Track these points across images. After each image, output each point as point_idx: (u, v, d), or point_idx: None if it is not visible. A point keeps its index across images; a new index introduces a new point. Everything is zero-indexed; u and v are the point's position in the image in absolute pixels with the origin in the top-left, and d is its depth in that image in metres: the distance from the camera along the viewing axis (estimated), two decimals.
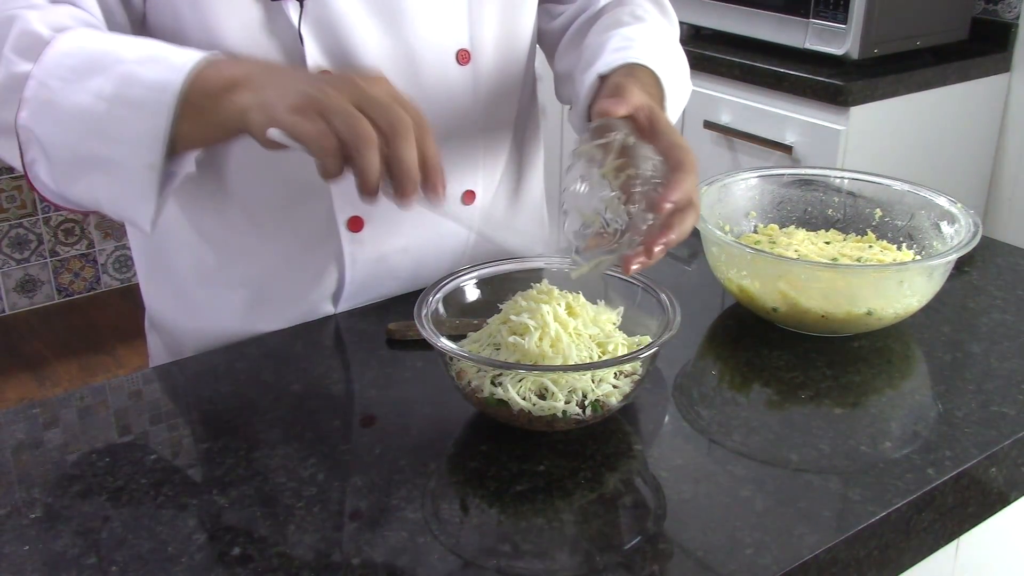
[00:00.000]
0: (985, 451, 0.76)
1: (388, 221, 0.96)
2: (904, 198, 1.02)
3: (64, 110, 0.75)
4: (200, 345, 1.01)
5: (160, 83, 0.73)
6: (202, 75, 0.73)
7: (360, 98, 0.68)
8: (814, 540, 0.66)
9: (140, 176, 0.75)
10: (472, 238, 1.03)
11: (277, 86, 0.70)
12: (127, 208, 0.78)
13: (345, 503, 0.70)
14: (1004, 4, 2.16)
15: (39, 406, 0.83)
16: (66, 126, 0.76)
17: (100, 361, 2.85)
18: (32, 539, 0.66)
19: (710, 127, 2.12)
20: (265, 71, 0.73)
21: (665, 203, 0.73)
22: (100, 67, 0.75)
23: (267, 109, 0.69)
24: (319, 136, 0.67)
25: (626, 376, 0.77)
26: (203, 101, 0.72)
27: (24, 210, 2.99)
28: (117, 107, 0.74)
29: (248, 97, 0.70)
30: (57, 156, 0.77)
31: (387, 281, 1.00)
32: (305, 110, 0.67)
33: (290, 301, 0.98)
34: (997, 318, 0.96)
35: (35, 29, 0.77)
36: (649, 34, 0.95)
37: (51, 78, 0.75)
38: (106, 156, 0.75)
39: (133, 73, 0.74)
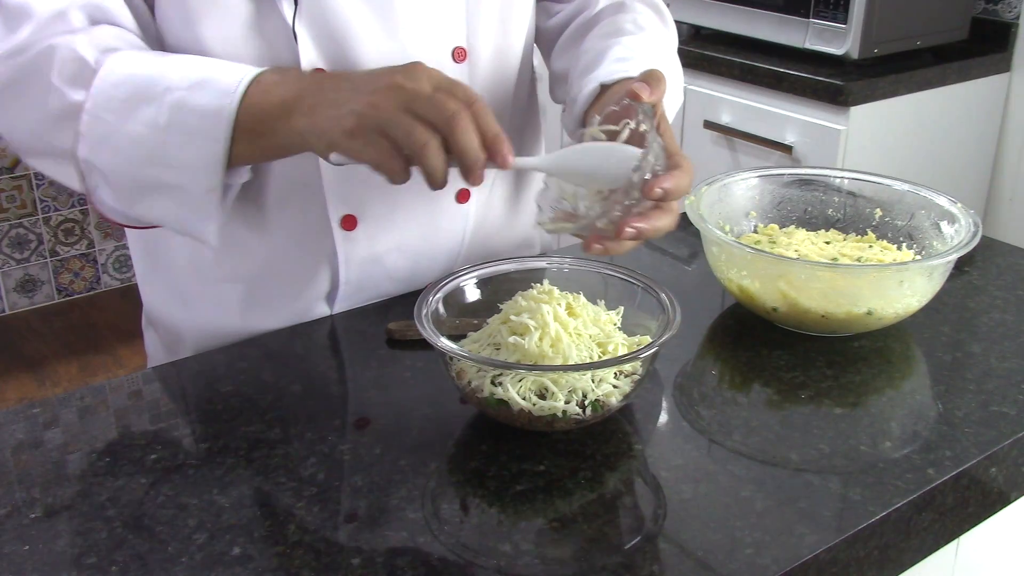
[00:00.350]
0: (985, 451, 0.76)
1: (382, 220, 0.96)
2: (904, 198, 1.02)
3: (121, 142, 0.77)
4: (197, 342, 1.01)
5: (212, 110, 0.75)
6: (252, 100, 0.75)
7: (408, 100, 0.70)
8: (814, 540, 0.66)
9: (202, 198, 0.78)
10: (467, 236, 1.03)
11: (328, 105, 0.72)
12: (192, 226, 0.81)
13: (345, 503, 0.70)
14: (1004, 4, 2.17)
15: (39, 406, 0.83)
16: (125, 156, 0.78)
17: (100, 361, 2.85)
18: (32, 539, 0.66)
19: (710, 127, 2.13)
20: (314, 87, 0.74)
21: (656, 187, 0.73)
22: (150, 96, 0.77)
23: (325, 135, 0.71)
24: (381, 156, 0.70)
25: (626, 376, 0.77)
26: (257, 126, 0.75)
27: (24, 210, 2.99)
28: (173, 135, 0.76)
29: (303, 122, 0.73)
30: (119, 183, 0.79)
31: (382, 281, 1.00)
32: (361, 132, 0.70)
33: (285, 299, 0.98)
34: (997, 318, 0.96)
35: (81, 55, 0.78)
36: (651, 46, 0.95)
37: (104, 112, 0.77)
38: (167, 182, 0.78)
39: (184, 101, 0.76)
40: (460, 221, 1.02)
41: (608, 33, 0.97)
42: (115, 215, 0.83)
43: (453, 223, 1.02)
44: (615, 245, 0.74)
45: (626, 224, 0.73)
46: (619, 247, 0.74)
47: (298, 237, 0.96)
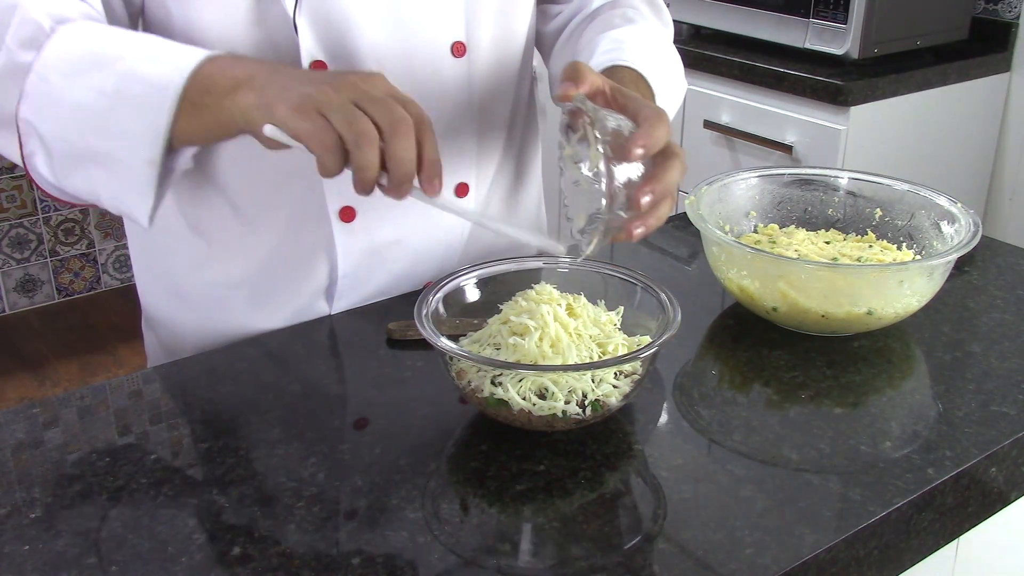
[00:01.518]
0: (985, 451, 0.76)
1: (380, 212, 0.96)
2: (904, 198, 1.02)
3: (64, 105, 0.76)
4: (196, 341, 1.01)
5: (162, 81, 0.73)
6: (203, 74, 0.73)
7: (359, 96, 0.69)
8: (814, 540, 0.66)
9: (139, 172, 0.76)
10: (466, 232, 1.03)
11: (279, 86, 0.71)
12: (125, 202, 0.79)
13: (345, 503, 0.70)
14: (1004, 4, 2.17)
15: (39, 406, 0.83)
16: (66, 121, 0.76)
17: (100, 361, 2.85)
18: (32, 539, 0.66)
19: (710, 127, 2.13)
20: (267, 71, 0.73)
21: (634, 148, 0.71)
22: (101, 63, 0.75)
23: (268, 109, 0.70)
24: (317, 133, 0.68)
25: (626, 376, 0.77)
26: (205, 99, 0.73)
27: (24, 210, 2.99)
28: (118, 103, 0.74)
29: (250, 97, 0.71)
30: (57, 150, 0.77)
31: (381, 275, 1.00)
32: (304, 109, 0.68)
33: (283, 293, 0.98)
34: (997, 318, 0.96)
35: (35, 18, 0.77)
36: (639, 36, 0.95)
37: (52, 72, 0.76)
38: (105, 151, 0.76)
39: (134, 70, 0.74)
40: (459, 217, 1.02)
41: (598, 30, 0.97)
42: (49, 187, 0.81)
43: (453, 219, 1.01)
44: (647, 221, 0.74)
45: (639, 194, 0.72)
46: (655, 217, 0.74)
47: (296, 229, 0.95)
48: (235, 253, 0.97)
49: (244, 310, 0.98)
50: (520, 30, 1.01)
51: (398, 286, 1.01)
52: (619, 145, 0.72)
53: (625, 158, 0.72)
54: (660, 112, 0.74)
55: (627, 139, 0.72)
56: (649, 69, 0.89)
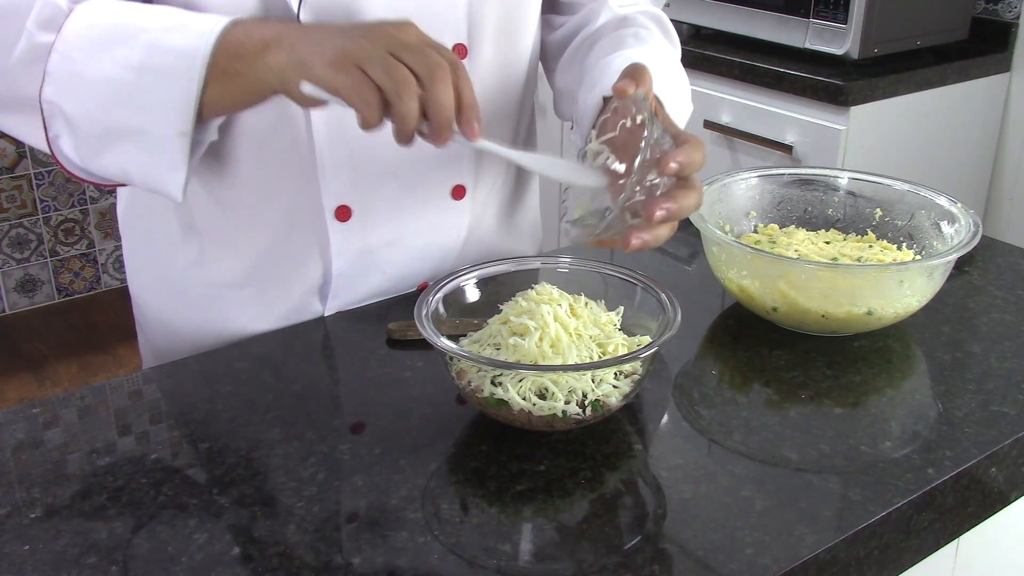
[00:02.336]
0: (985, 451, 0.76)
1: (376, 212, 0.96)
2: (904, 198, 1.02)
3: (90, 81, 0.75)
4: (190, 342, 1.00)
5: (188, 49, 0.73)
6: (230, 39, 0.73)
7: (395, 46, 0.69)
8: (814, 540, 0.66)
9: (170, 144, 0.76)
10: (463, 234, 1.03)
11: (311, 43, 0.70)
12: (157, 178, 0.78)
13: (345, 503, 0.70)
14: (1004, 4, 2.17)
15: (39, 406, 0.83)
16: (93, 97, 0.76)
17: (100, 361, 2.85)
18: (32, 539, 0.66)
19: (710, 127, 2.12)
20: (296, 29, 0.73)
21: (671, 162, 0.72)
22: (124, 36, 0.75)
23: (303, 66, 0.70)
24: (357, 86, 0.68)
25: (626, 376, 0.77)
26: (234, 64, 0.73)
27: (24, 210, 2.99)
28: (145, 76, 0.74)
29: (282, 56, 0.71)
30: (84, 129, 0.77)
31: (376, 276, 1.00)
32: (341, 63, 0.68)
33: (277, 292, 0.98)
34: (997, 318, 0.96)
35: (55, 2, 0.77)
36: (653, 59, 0.95)
37: (75, 50, 0.75)
38: (135, 125, 0.76)
39: (159, 41, 0.74)
40: (455, 218, 1.02)
41: (610, 48, 0.97)
42: (76, 169, 0.81)
43: (448, 220, 1.01)
44: (651, 234, 0.74)
45: (655, 207, 0.72)
46: (655, 234, 0.74)
47: (290, 227, 0.95)
48: (229, 251, 0.97)
49: (237, 309, 0.98)
50: (524, 36, 1.01)
51: (393, 288, 1.01)
52: (657, 155, 0.73)
53: (659, 168, 0.73)
54: (700, 141, 0.76)
55: (666, 152, 0.74)
56: (663, 94, 0.90)
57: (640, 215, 0.74)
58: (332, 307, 0.99)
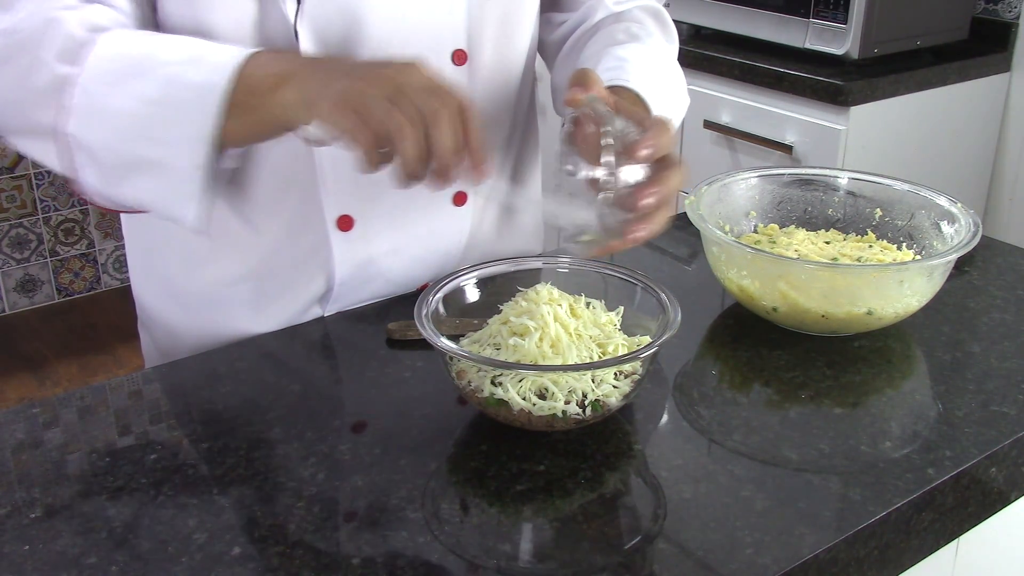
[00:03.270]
0: (985, 451, 0.76)
1: (378, 221, 0.96)
2: (904, 198, 1.02)
3: (110, 115, 0.77)
4: (192, 343, 1.01)
5: (206, 85, 0.74)
6: (246, 73, 0.74)
7: (396, 90, 0.69)
8: (814, 540, 0.66)
9: (188, 177, 0.77)
10: (464, 240, 1.03)
11: (318, 83, 0.72)
12: (175, 208, 0.80)
13: (345, 503, 0.70)
14: (1004, 4, 2.17)
15: (39, 406, 0.83)
16: (113, 131, 0.77)
17: (100, 361, 2.85)
18: (32, 539, 0.66)
19: (710, 127, 2.12)
20: (308, 66, 0.75)
21: (641, 149, 0.72)
22: (143, 71, 0.76)
23: (310, 107, 0.71)
24: (356, 129, 0.69)
25: (626, 376, 0.77)
26: (249, 99, 0.74)
27: (24, 210, 2.99)
28: (163, 110, 0.76)
29: (293, 94, 0.72)
30: (106, 161, 0.78)
31: (377, 283, 1.00)
32: (344, 107, 0.69)
33: (279, 299, 0.98)
34: (997, 318, 0.96)
35: (72, 31, 0.78)
36: (642, 55, 0.94)
37: (95, 84, 0.77)
38: (153, 159, 0.77)
39: (177, 76, 0.75)
40: (457, 224, 1.02)
41: (602, 44, 0.97)
42: (99, 197, 0.82)
43: (450, 226, 1.01)
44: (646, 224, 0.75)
45: (641, 196, 0.73)
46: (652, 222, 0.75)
47: (293, 237, 0.95)
48: (232, 257, 0.97)
49: (239, 313, 0.98)
50: (522, 38, 1.01)
51: (395, 292, 1.01)
52: (625, 147, 0.73)
53: (631, 158, 0.73)
54: (665, 120, 0.76)
55: (634, 141, 0.73)
56: (650, 92, 0.89)
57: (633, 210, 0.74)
58: (332, 309, 0.99)
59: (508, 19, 0.98)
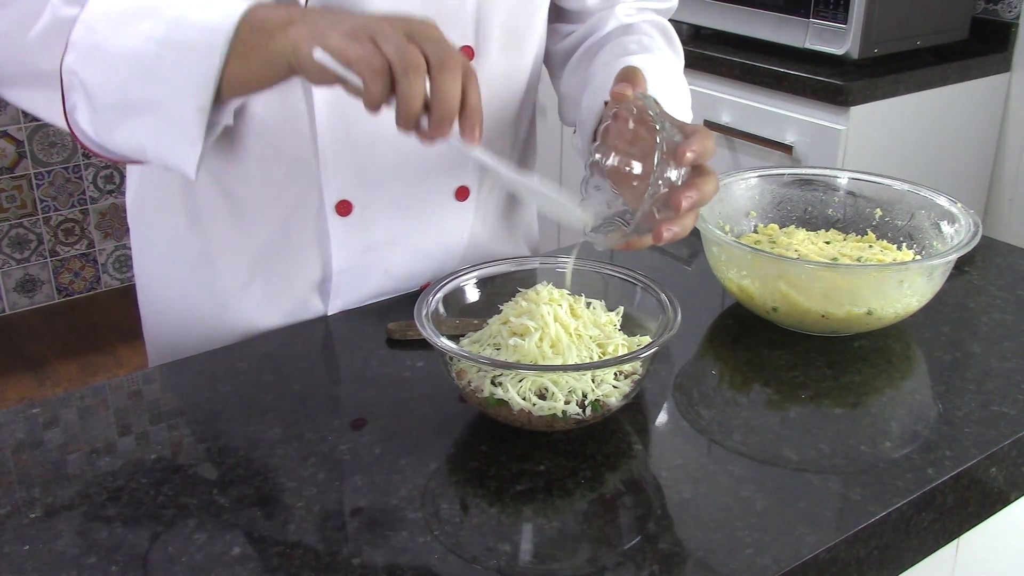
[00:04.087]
0: (985, 451, 0.76)
1: (377, 208, 0.96)
2: (904, 198, 1.02)
3: (113, 53, 0.76)
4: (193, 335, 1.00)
5: (212, 24, 0.74)
6: (254, 14, 0.74)
7: (412, 31, 0.69)
8: (814, 540, 0.66)
9: (189, 119, 0.76)
10: (466, 235, 1.03)
11: (331, 19, 0.71)
12: (173, 152, 0.79)
13: (345, 503, 0.70)
14: (1004, 4, 2.17)
15: (39, 406, 0.83)
16: (114, 69, 0.76)
17: (100, 361, 2.85)
18: (32, 539, 0.66)
19: (710, 127, 2.12)
20: (319, 10, 0.75)
21: (687, 152, 0.74)
22: (150, 11, 0.76)
23: (319, 36, 0.70)
24: (367, 56, 0.67)
25: (626, 376, 0.77)
26: (256, 38, 0.73)
27: (24, 210, 2.99)
28: (168, 49, 0.75)
29: (302, 30, 0.71)
30: (102, 101, 0.77)
31: (377, 275, 1.00)
32: (356, 35, 0.68)
33: (279, 287, 0.98)
34: (997, 318, 0.96)
35: None
36: (655, 67, 0.95)
37: (99, 21, 0.76)
38: (154, 99, 0.76)
39: (184, 16, 0.75)
40: (459, 220, 1.02)
41: (615, 55, 0.97)
42: (91, 143, 0.81)
43: (452, 221, 1.01)
44: (679, 224, 0.75)
45: (681, 197, 0.74)
46: (683, 224, 0.76)
47: (292, 220, 0.95)
48: (232, 242, 0.97)
49: (240, 302, 0.98)
50: (529, 41, 1.01)
51: (396, 288, 1.01)
52: (670, 148, 0.74)
53: (676, 160, 0.74)
54: (707, 130, 0.77)
55: (678, 144, 0.75)
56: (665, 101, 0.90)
57: (662, 210, 0.75)
58: (335, 306, 0.99)
59: (516, 20, 0.98)
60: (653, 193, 0.74)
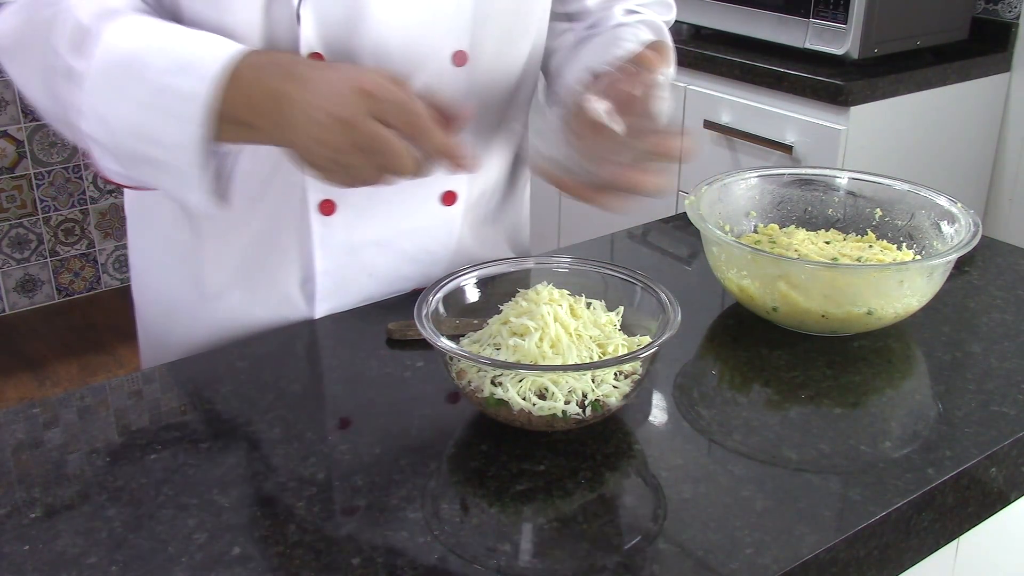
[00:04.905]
0: (985, 451, 0.76)
1: (361, 209, 0.96)
2: (904, 198, 1.02)
3: (114, 119, 0.81)
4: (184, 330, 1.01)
5: (189, 94, 0.78)
6: (227, 92, 0.78)
7: (377, 109, 0.76)
8: (814, 540, 0.66)
9: (187, 173, 0.81)
10: (453, 244, 1.03)
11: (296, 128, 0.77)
12: (181, 197, 0.84)
13: (345, 503, 0.70)
14: (1004, 4, 2.17)
15: (39, 406, 0.83)
16: (117, 133, 0.81)
17: (100, 361, 2.85)
18: (32, 539, 0.66)
19: (710, 127, 2.12)
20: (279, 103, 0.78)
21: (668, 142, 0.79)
22: (136, 73, 0.80)
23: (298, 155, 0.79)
24: (346, 180, 0.79)
25: (626, 376, 0.77)
26: (236, 114, 0.79)
27: (24, 210, 2.99)
28: (155, 116, 0.80)
29: (275, 135, 0.79)
30: (117, 154, 0.83)
31: (361, 277, 0.99)
32: (331, 169, 0.78)
33: (265, 285, 0.98)
34: (997, 318, 0.96)
35: (80, 19, 0.81)
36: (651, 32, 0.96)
37: (99, 87, 0.80)
38: (154, 157, 0.81)
39: (164, 83, 0.79)
40: (445, 225, 1.01)
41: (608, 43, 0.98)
42: (121, 179, 0.87)
43: (438, 226, 1.01)
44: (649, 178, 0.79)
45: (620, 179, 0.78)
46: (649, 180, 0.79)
47: (276, 219, 0.95)
48: (218, 240, 0.97)
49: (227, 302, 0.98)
50: (526, 40, 1.01)
51: (383, 293, 1.01)
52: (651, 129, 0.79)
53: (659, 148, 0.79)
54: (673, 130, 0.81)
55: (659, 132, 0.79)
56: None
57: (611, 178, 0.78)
58: (322, 309, 0.99)
59: (514, 23, 0.98)
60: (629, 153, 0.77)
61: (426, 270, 1.02)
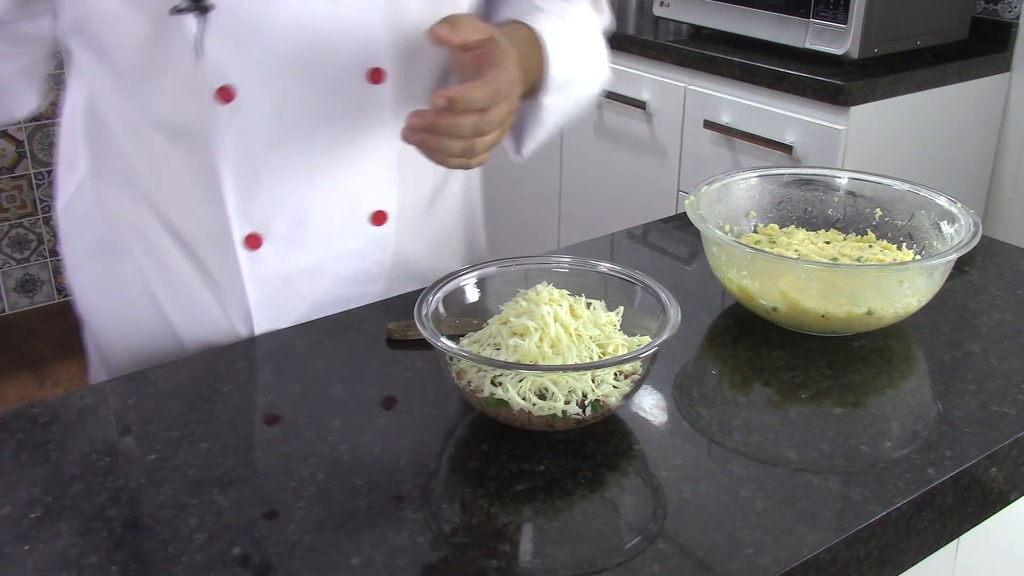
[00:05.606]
0: (985, 451, 0.76)
1: (288, 240, 0.94)
2: (904, 198, 1.02)
3: None
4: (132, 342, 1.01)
5: None
6: None
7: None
8: (814, 540, 0.66)
9: None
10: (388, 261, 1.01)
11: None
12: None
13: (345, 503, 0.70)
14: (1004, 4, 2.16)
15: (39, 406, 0.83)
16: None
17: None
18: (32, 539, 0.66)
19: (710, 127, 2.12)
20: None
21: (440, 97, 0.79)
22: None
23: None
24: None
25: (626, 376, 0.77)
26: None
27: (24, 210, 2.99)
28: None
29: None
30: None
31: (299, 305, 0.98)
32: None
33: (200, 314, 0.97)
34: (997, 318, 0.96)
35: None
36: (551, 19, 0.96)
37: None
38: None
39: None
40: (379, 245, 0.99)
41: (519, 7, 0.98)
42: None
43: (372, 247, 0.99)
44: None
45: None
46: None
47: (204, 250, 0.95)
48: (157, 262, 0.97)
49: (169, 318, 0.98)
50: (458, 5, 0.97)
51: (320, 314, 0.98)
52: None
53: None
54: (490, 81, 0.81)
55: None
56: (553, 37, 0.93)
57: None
58: (261, 329, 0.97)
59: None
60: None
61: (363, 289, 1.00)
